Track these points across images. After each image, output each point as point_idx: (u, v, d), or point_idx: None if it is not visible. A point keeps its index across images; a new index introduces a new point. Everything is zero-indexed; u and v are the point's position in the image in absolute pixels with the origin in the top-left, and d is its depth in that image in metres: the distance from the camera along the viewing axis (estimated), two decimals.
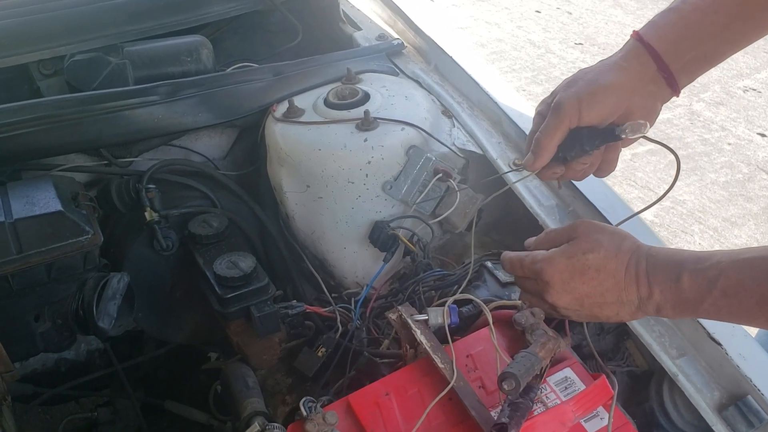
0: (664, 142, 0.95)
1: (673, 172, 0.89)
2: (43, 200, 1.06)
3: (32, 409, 1.52)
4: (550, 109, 0.90)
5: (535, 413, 0.84)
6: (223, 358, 1.32)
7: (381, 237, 1.18)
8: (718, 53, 0.88)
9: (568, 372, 0.93)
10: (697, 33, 0.86)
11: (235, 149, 1.46)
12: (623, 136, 0.86)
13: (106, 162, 1.26)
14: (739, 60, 4.22)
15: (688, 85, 0.91)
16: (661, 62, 0.86)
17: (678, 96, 0.91)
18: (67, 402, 1.53)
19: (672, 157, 0.91)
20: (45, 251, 1.03)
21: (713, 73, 3.99)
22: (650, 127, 0.87)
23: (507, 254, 0.92)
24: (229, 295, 1.09)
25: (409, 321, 0.92)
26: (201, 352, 1.41)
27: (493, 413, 0.86)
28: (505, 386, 0.74)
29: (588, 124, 0.87)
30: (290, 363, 1.10)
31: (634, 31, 0.89)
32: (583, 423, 0.85)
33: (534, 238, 0.93)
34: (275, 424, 0.96)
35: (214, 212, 1.26)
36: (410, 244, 1.17)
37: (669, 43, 0.86)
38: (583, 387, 0.90)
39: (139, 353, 1.47)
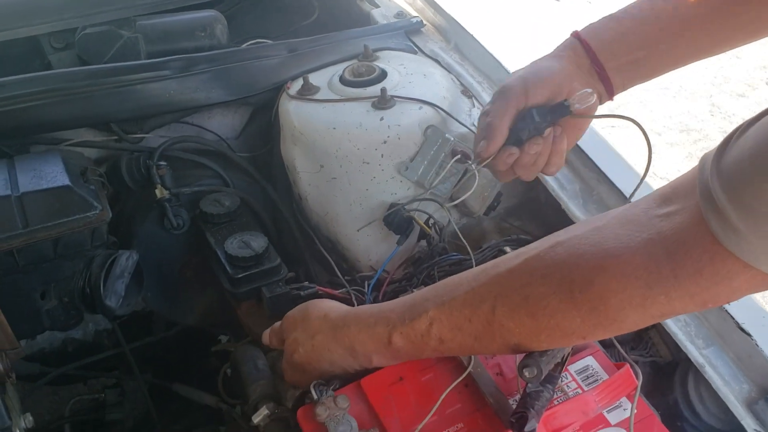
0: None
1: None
2: (51, 174, 1.03)
3: (40, 389, 1.51)
4: (496, 96, 0.93)
5: (556, 402, 0.80)
6: (234, 340, 1.29)
7: (396, 219, 1.14)
8: (655, 63, 0.92)
9: (590, 360, 0.89)
10: (631, 40, 0.90)
11: (248, 129, 1.42)
12: (572, 108, 0.89)
13: (116, 138, 1.23)
14: (761, 52, 4.13)
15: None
16: (594, 57, 0.91)
17: (612, 97, 0.94)
18: (76, 383, 1.51)
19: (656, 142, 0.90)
20: (51, 226, 1.00)
21: (735, 65, 3.92)
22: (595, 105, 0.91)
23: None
24: (240, 275, 1.07)
25: None
26: (212, 335, 1.39)
27: (511, 401, 0.82)
28: (526, 374, 0.71)
29: (535, 104, 0.90)
30: None
31: (573, 30, 0.94)
32: (605, 413, 0.81)
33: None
34: (284, 408, 0.94)
35: (226, 191, 1.23)
36: (426, 227, 1.13)
37: (603, 42, 0.91)
38: (605, 376, 0.87)
39: (148, 334, 1.45)
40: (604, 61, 0.91)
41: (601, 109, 0.95)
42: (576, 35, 0.93)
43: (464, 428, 0.79)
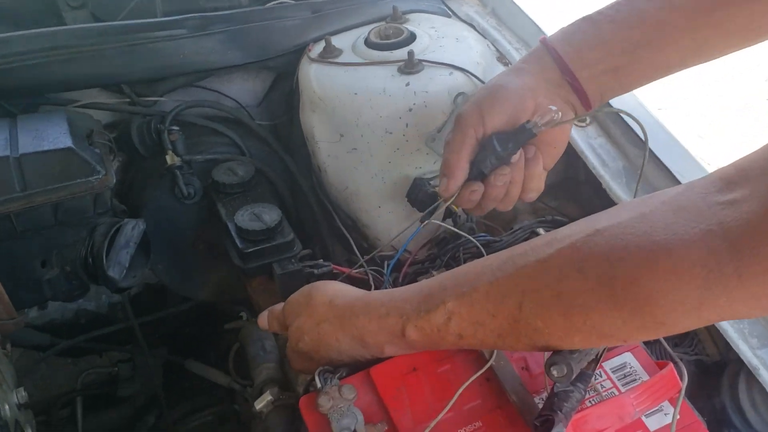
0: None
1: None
2: (53, 135, 0.97)
3: (58, 360, 1.48)
4: (454, 126, 0.85)
5: (588, 404, 0.71)
6: (251, 317, 1.23)
7: (420, 195, 1.05)
8: (638, 72, 0.82)
9: (627, 357, 0.79)
10: (608, 45, 0.81)
11: (270, 96, 1.35)
12: (535, 129, 0.80)
13: (128, 101, 1.17)
14: None
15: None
16: (565, 66, 0.81)
17: (589, 110, 0.83)
18: (89, 355, 1.47)
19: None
20: (51, 190, 0.94)
21: None
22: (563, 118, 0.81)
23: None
24: (250, 250, 1.00)
25: None
26: (230, 310, 1.33)
27: (537, 399, 0.74)
28: (555, 373, 0.62)
29: (495, 130, 0.82)
30: None
31: (541, 36, 0.85)
32: (644, 419, 0.72)
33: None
34: (290, 394, 0.87)
35: (241, 160, 1.16)
36: (453, 205, 1.04)
37: (575, 48, 0.82)
38: (644, 375, 0.77)
39: (164, 308, 1.39)
40: (576, 70, 0.81)
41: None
42: (543, 42, 0.83)
43: (482, 428, 0.71)
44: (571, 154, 1.04)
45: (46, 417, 1.35)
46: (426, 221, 0.95)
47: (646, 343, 0.88)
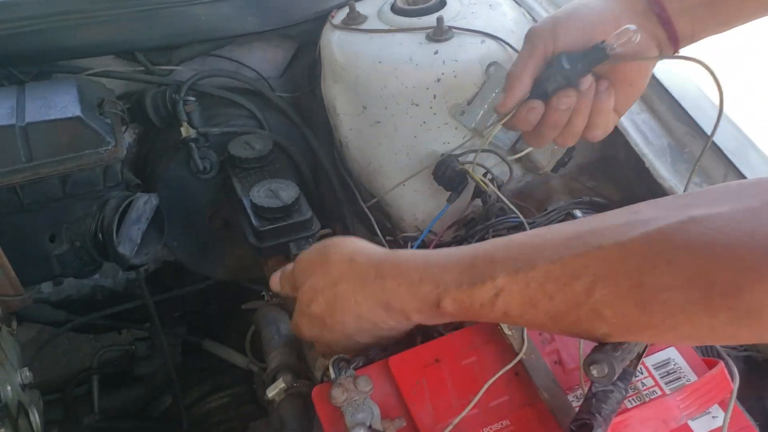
0: None
1: None
2: (62, 104, 0.92)
3: (80, 336, 1.46)
4: (524, 41, 0.80)
5: (628, 404, 0.65)
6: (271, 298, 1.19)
7: (447, 173, 0.99)
8: (733, 6, 0.73)
9: (671, 353, 0.72)
10: None
11: (292, 67, 1.29)
12: (608, 50, 0.73)
13: (143, 69, 1.12)
14: None
15: None
16: None
17: (677, 48, 0.75)
18: (110, 332, 1.45)
19: None
20: (58, 161, 0.90)
21: None
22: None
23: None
24: (266, 228, 0.94)
25: None
26: (252, 288, 1.29)
27: (570, 397, 0.67)
28: (595, 372, 0.55)
29: (566, 49, 0.77)
30: None
31: None
32: (690, 423, 0.65)
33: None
34: (304, 382, 0.82)
35: (259, 133, 1.11)
36: (482, 183, 0.98)
37: None
38: (690, 374, 0.70)
39: (183, 286, 1.36)
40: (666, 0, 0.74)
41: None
42: None
43: (510, 427, 0.65)
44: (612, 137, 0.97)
45: (62, 395, 1.33)
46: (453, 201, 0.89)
47: None
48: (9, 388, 0.80)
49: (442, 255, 0.64)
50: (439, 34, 0.97)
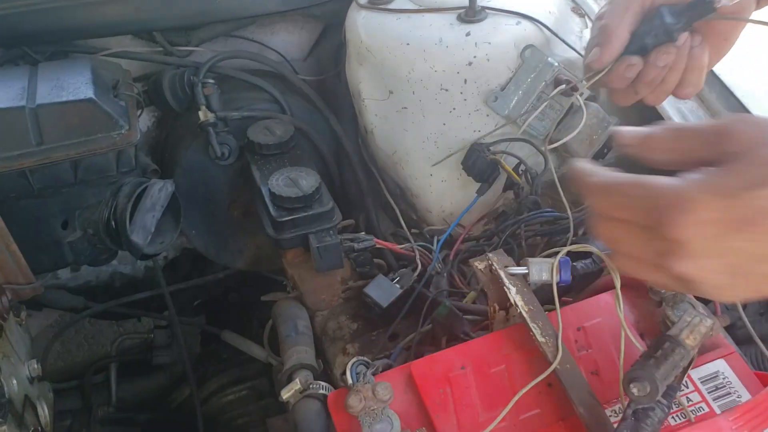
0: None
1: None
2: (74, 85, 0.89)
3: (102, 321, 1.45)
4: None
5: (672, 422, 0.59)
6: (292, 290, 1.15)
7: (478, 163, 0.95)
8: None
9: (720, 365, 0.66)
10: None
11: (317, 49, 1.24)
12: (717, 5, 0.67)
13: (161, 49, 1.08)
14: None
15: None
16: None
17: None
18: (127, 319, 1.43)
19: None
20: (69, 145, 0.87)
21: None
22: None
23: (584, 168, 0.53)
24: (284, 219, 0.90)
25: (502, 274, 0.68)
26: (274, 279, 1.25)
27: (608, 412, 0.62)
28: (635, 391, 0.49)
29: (665, 1, 0.70)
30: (357, 306, 0.91)
31: None
32: None
33: (632, 134, 0.54)
34: (321, 384, 0.77)
35: (280, 118, 1.06)
36: (515, 174, 0.93)
37: None
38: (741, 389, 0.64)
39: (202, 275, 1.32)
40: None
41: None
42: None
43: None
44: (652, 120, 0.90)
45: (79, 382, 1.31)
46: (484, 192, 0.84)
47: (739, 344, 0.75)
48: (15, 381, 0.77)
49: None
50: (472, 14, 0.93)
